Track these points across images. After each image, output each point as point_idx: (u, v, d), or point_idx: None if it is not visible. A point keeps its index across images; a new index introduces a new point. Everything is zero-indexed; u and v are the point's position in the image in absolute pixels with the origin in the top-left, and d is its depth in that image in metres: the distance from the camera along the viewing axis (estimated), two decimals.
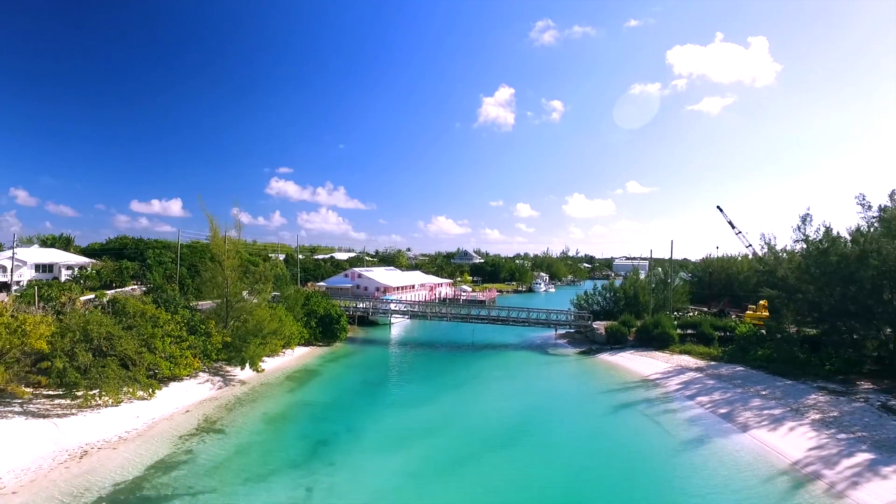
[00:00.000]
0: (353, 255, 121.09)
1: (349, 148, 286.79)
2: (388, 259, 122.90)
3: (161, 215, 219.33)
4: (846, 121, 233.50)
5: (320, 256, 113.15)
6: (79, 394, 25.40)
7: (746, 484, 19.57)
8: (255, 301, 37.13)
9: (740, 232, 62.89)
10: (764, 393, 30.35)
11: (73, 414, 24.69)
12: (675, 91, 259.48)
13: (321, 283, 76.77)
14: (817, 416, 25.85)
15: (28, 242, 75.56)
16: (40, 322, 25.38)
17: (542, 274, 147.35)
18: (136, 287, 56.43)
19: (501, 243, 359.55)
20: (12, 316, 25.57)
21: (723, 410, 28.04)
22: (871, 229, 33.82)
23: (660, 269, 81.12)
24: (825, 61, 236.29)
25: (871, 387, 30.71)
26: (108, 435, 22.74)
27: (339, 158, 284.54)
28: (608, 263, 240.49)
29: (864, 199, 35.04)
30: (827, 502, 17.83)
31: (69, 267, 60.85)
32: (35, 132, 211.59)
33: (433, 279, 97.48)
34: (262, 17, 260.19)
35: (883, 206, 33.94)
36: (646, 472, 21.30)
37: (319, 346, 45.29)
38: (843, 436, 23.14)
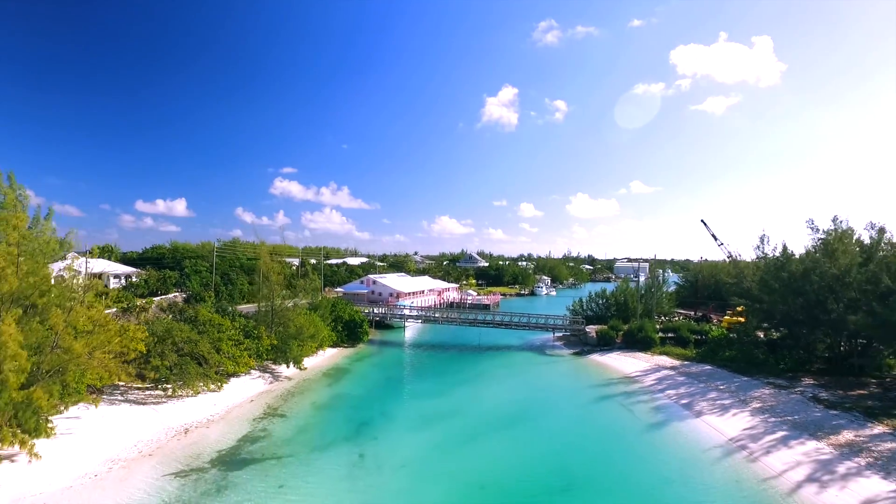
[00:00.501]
0: (364, 260, 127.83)
1: (352, 148, 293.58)
2: (397, 264, 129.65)
3: (166, 215, 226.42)
4: (852, 120, 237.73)
5: (334, 261, 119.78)
6: (168, 386, 32.04)
7: (690, 454, 25.89)
8: (295, 309, 43.65)
9: (722, 244, 68.91)
10: (721, 387, 36.63)
11: (164, 402, 31.28)
12: (679, 91, 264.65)
13: (339, 289, 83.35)
14: (758, 405, 32.12)
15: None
16: (137, 329, 31.94)
17: (545, 277, 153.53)
18: (177, 294, 63.11)
19: (505, 243, 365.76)
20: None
21: (685, 401, 34.34)
22: (815, 250, 40.00)
23: (659, 271, 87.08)
24: (831, 60, 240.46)
25: (811, 382, 36.94)
26: (198, 418, 29.29)
27: (342, 158, 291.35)
28: (609, 266, 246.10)
29: (812, 223, 41.36)
30: (745, 465, 24.12)
31: (116, 276, 67.66)
32: (40, 133, 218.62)
33: (441, 284, 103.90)
34: (266, 18, 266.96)
35: (826, 229, 40.13)
36: (616, 447, 27.66)
37: (345, 347, 51.81)
38: (772, 419, 29.42)
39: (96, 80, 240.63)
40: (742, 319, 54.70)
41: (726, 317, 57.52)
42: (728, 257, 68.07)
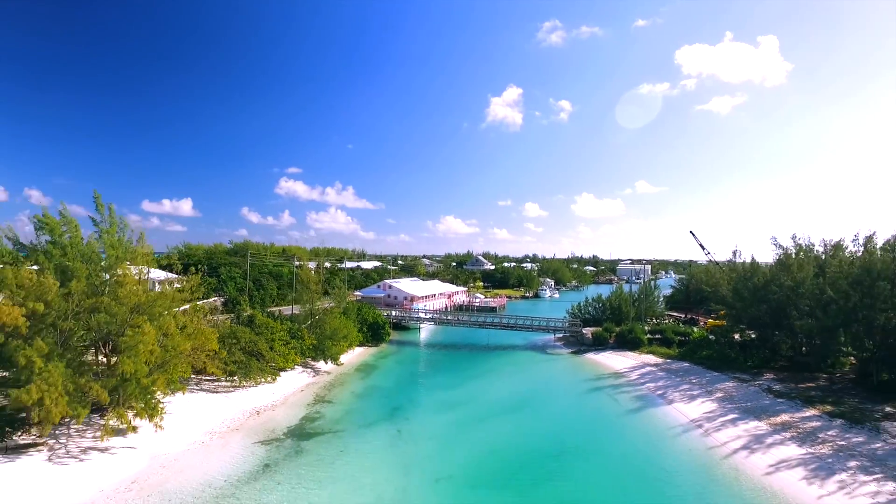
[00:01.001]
0: (378, 264, 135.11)
1: (357, 148, 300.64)
2: (408, 268, 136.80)
3: (172, 215, 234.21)
4: (859, 119, 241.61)
5: (349, 265, 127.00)
6: (234, 378, 39.15)
7: (657, 431, 32.65)
8: (332, 312, 50.74)
9: (710, 253, 75.46)
10: (694, 381, 43.33)
11: (232, 391, 38.38)
12: (685, 91, 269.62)
13: (358, 293, 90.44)
14: (720, 395, 38.81)
15: None
16: (211, 331, 39.06)
17: (548, 280, 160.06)
18: (216, 298, 70.36)
19: (510, 243, 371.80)
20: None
21: (660, 392, 41.08)
22: (776, 264, 46.58)
23: (651, 278, 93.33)
24: (837, 60, 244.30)
25: (771, 377, 43.53)
26: (264, 403, 36.38)
27: (347, 158, 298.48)
28: (612, 268, 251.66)
29: (776, 241, 47.97)
30: (698, 439, 30.86)
31: (160, 282, 74.96)
32: (48, 134, 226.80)
33: (450, 287, 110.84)
34: (271, 19, 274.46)
35: (786, 246, 46.72)
36: (599, 426, 34.48)
37: (370, 346, 58.85)
38: (729, 406, 36.12)
39: (102, 81, 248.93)
40: (723, 323, 61.30)
41: (710, 320, 64.04)
42: (715, 264, 74.53)
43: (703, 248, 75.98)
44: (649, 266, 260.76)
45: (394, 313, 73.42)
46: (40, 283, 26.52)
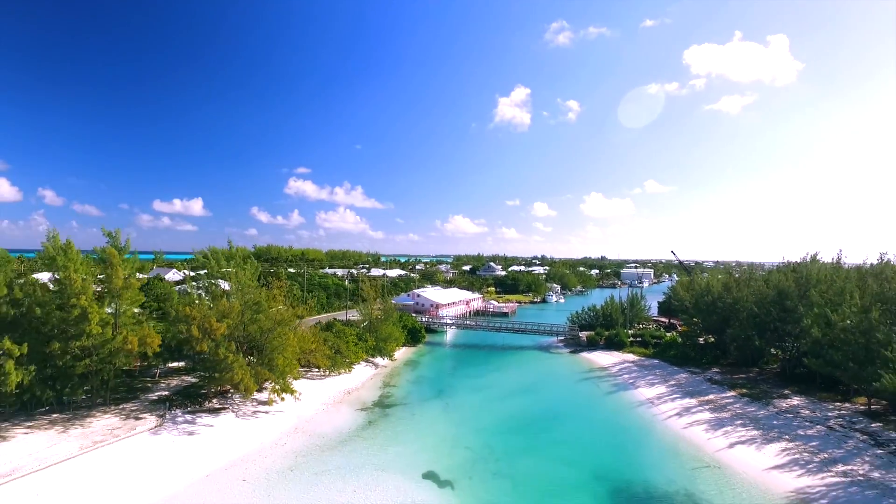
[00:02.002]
0: (402, 272, 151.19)
1: (366, 148, 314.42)
2: (428, 276, 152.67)
3: (183, 214, 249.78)
4: (871, 119, 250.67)
5: (375, 272, 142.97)
6: (326, 370, 54.91)
7: (622, 406, 47.87)
8: (387, 320, 66.48)
9: (689, 269, 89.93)
10: (657, 373, 58.39)
11: (322, 379, 54.08)
12: (693, 91, 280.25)
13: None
14: (673, 383, 53.88)
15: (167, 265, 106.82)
16: (316, 336, 54.80)
17: (555, 285, 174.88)
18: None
19: (518, 242, 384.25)
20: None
21: (631, 381, 56.20)
22: (723, 285, 61.47)
23: (668, 275, 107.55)
24: (849, 59, 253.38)
25: (716, 370, 58.46)
26: (350, 386, 52.08)
27: (356, 158, 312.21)
28: (616, 273, 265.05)
29: (722, 264, 62.58)
30: (648, 410, 45.99)
31: None
32: (62, 135, 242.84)
33: (468, 294, 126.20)
34: (280, 20, 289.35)
35: (731, 272, 61.51)
36: (583, 402, 49.77)
37: (410, 346, 74.49)
38: (676, 390, 51.21)
39: (116, 84, 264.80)
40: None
41: (683, 326, 78.79)
42: (692, 279, 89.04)
43: (681, 263, 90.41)
44: (651, 271, 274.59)
45: (423, 319, 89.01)
46: (230, 307, 42.52)
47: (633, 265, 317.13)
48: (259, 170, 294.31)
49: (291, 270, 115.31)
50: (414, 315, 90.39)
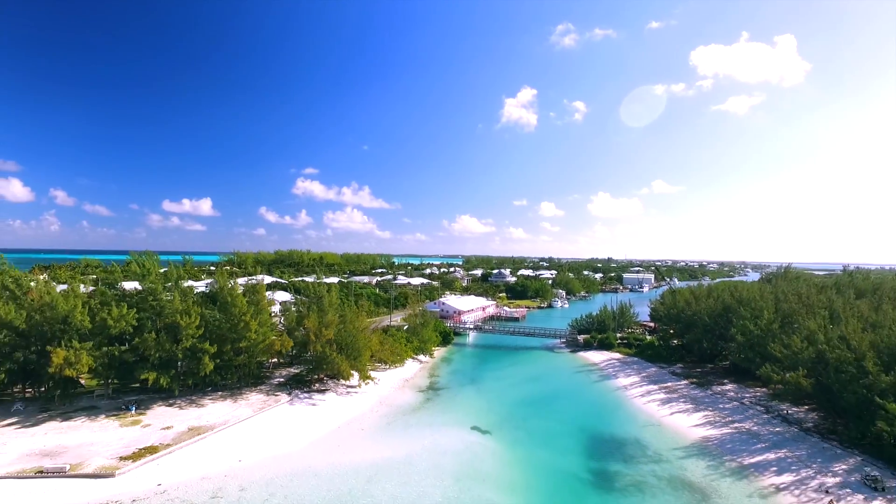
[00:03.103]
0: (425, 281, 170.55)
1: (373, 149, 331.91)
2: (447, 283, 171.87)
3: (192, 214, 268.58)
4: (880, 118, 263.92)
5: (400, 281, 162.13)
6: (388, 364, 73.93)
7: (604, 390, 66.53)
8: (426, 325, 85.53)
9: (669, 284, 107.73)
10: (634, 368, 76.90)
11: (386, 371, 73.10)
12: (700, 91, 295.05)
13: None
14: (644, 375, 72.40)
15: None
16: (381, 337, 73.83)
17: (560, 291, 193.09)
18: None
19: (526, 242, 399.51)
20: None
21: (614, 373, 74.75)
22: (686, 299, 79.76)
23: (669, 278, 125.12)
24: (857, 59, 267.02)
25: (680, 366, 76.83)
26: (406, 376, 71.13)
27: (363, 159, 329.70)
28: (619, 277, 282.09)
29: (691, 285, 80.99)
30: (623, 394, 64.57)
31: (281, 302, 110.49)
32: (73, 136, 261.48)
33: (484, 301, 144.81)
34: (288, 22, 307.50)
35: (698, 286, 79.81)
36: (576, 388, 68.50)
37: (442, 347, 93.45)
38: (646, 379, 69.74)
39: (126, 84, 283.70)
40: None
41: (661, 332, 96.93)
42: (673, 292, 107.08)
43: (664, 278, 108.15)
44: (652, 276, 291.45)
45: (449, 324, 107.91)
46: (332, 319, 61.79)
47: (636, 269, 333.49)
48: (267, 170, 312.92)
49: (331, 280, 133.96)
50: (441, 320, 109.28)
